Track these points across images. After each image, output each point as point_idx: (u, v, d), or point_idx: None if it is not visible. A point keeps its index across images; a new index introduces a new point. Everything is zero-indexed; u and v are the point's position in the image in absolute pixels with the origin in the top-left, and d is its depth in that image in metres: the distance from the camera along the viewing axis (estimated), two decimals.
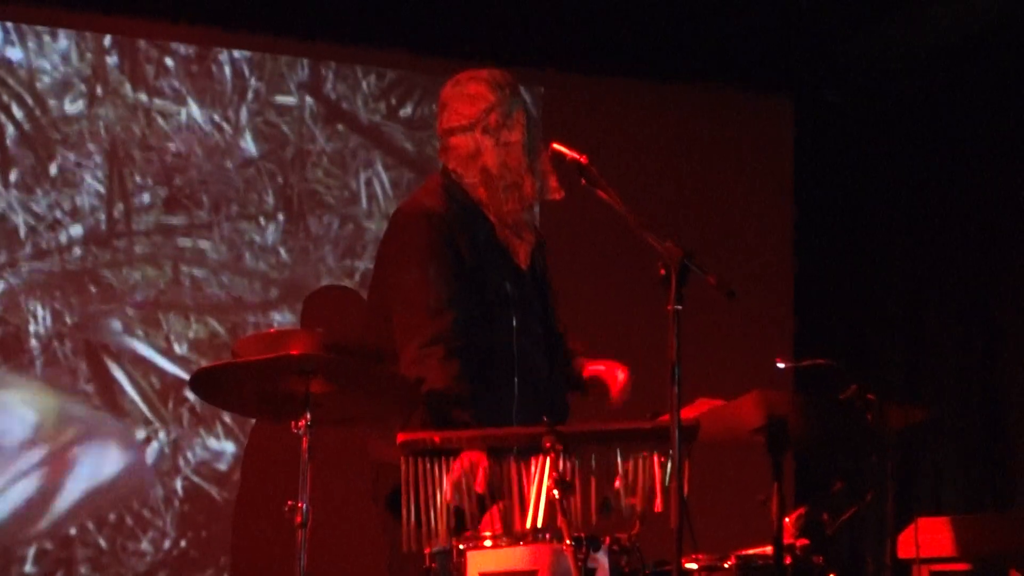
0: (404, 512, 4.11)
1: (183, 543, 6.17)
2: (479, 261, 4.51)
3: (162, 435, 6.17)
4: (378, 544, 4.54)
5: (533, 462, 4.08)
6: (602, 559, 3.91)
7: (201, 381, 4.18)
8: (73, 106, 6.20)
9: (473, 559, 3.92)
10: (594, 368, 4.68)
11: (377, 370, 4.23)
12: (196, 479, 6.20)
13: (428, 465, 4.14)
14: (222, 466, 6.24)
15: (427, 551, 4.02)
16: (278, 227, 6.42)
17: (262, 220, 6.41)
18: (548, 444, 4.04)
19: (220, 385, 4.20)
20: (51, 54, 6.19)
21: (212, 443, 6.23)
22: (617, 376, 4.62)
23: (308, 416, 4.08)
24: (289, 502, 4.07)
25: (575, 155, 4.34)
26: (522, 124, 4.54)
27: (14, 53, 6.14)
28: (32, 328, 6.06)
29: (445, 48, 6.54)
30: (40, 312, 6.07)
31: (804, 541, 4.20)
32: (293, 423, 4.10)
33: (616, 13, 6.69)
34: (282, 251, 6.42)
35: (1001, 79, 6.65)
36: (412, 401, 4.26)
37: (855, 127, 7.25)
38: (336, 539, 5.63)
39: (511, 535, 3.97)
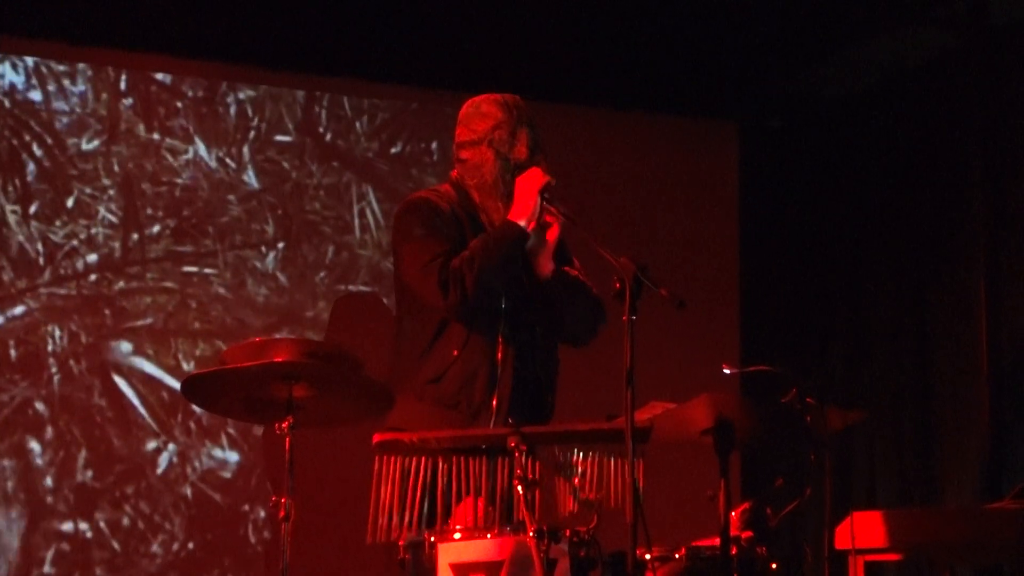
0: (373, 506, 4.06)
1: (191, 545, 6.12)
2: None
3: (171, 446, 6.13)
4: None
5: (500, 461, 4.05)
6: (563, 550, 3.87)
7: (192, 386, 4.15)
8: (89, 144, 6.18)
9: (443, 550, 3.89)
10: None
11: (355, 375, 4.18)
12: (202, 486, 6.16)
13: (402, 463, 4.09)
14: (227, 474, 6.20)
15: (400, 543, 3.97)
16: (277, 255, 6.40)
17: (263, 248, 6.39)
18: (513, 444, 4.00)
19: (210, 390, 4.19)
20: (70, 96, 6.17)
21: (217, 453, 6.20)
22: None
23: (291, 419, 4.07)
24: (273, 498, 4.05)
25: None
26: (526, 142, 4.49)
27: (35, 95, 6.12)
28: (50, 348, 6.03)
29: (403, 78, 6.60)
30: (58, 333, 6.04)
31: (749, 533, 4.18)
32: (277, 425, 4.08)
33: (572, 43, 6.65)
34: (281, 277, 6.39)
35: (928, 108, 6.68)
36: (387, 404, 4.22)
37: (795, 150, 7.25)
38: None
39: (478, 528, 3.93)
